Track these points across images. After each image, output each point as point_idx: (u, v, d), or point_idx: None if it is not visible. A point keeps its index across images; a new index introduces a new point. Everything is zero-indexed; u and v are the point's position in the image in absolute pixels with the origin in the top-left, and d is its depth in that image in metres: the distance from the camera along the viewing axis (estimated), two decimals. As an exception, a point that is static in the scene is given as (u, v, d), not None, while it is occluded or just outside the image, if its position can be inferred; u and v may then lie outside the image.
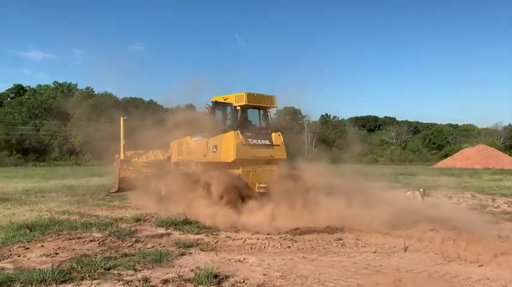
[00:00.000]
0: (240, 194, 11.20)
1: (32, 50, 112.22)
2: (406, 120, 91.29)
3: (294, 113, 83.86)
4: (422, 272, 6.28)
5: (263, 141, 12.50)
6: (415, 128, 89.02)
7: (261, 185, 11.89)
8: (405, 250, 7.65)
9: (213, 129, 12.65)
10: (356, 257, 7.28)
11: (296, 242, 8.38)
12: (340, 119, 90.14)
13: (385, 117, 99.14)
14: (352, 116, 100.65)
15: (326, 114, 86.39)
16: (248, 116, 13.21)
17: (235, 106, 12.36)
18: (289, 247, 8.02)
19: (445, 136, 75.99)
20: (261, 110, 13.32)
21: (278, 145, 12.71)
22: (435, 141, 74.09)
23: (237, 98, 12.35)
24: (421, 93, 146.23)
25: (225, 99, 12.74)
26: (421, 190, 14.23)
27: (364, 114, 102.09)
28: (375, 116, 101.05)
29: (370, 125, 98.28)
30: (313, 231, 9.32)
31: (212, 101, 13.07)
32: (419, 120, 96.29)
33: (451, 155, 55.87)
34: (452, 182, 23.97)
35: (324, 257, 7.23)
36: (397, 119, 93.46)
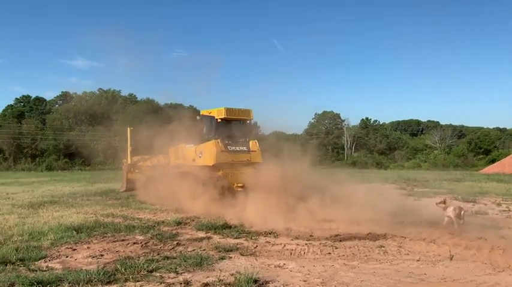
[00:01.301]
0: (222, 191, 13.27)
1: (78, 59, 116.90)
2: (451, 124, 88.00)
3: (333, 117, 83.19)
4: (470, 282, 6.01)
5: (241, 148, 14.75)
6: (460, 132, 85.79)
7: (238, 185, 14.00)
8: (451, 259, 7.36)
9: (200, 138, 14.82)
10: (399, 265, 7.07)
11: (337, 248, 8.25)
12: (381, 123, 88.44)
13: (428, 121, 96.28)
14: (394, 120, 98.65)
15: (366, 118, 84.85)
16: (230, 126, 15.30)
17: (217, 119, 14.67)
18: (329, 253, 7.91)
19: (492, 140, 72.60)
20: (241, 122, 15.54)
21: (254, 151, 14.92)
22: (481, 146, 71.05)
23: (218, 112, 14.68)
24: (466, 95, 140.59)
25: (209, 113, 15.03)
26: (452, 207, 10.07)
27: (406, 118, 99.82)
28: (417, 120, 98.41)
29: (412, 129, 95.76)
30: (354, 238, 9.15)
31: (200, 114, 15.31)
32: (465, 124, 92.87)
33: (499, 160, 53.32)
34: (501, 188, 22.85)
35: (366, 265, 7.07)
36: (441, 122, 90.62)
